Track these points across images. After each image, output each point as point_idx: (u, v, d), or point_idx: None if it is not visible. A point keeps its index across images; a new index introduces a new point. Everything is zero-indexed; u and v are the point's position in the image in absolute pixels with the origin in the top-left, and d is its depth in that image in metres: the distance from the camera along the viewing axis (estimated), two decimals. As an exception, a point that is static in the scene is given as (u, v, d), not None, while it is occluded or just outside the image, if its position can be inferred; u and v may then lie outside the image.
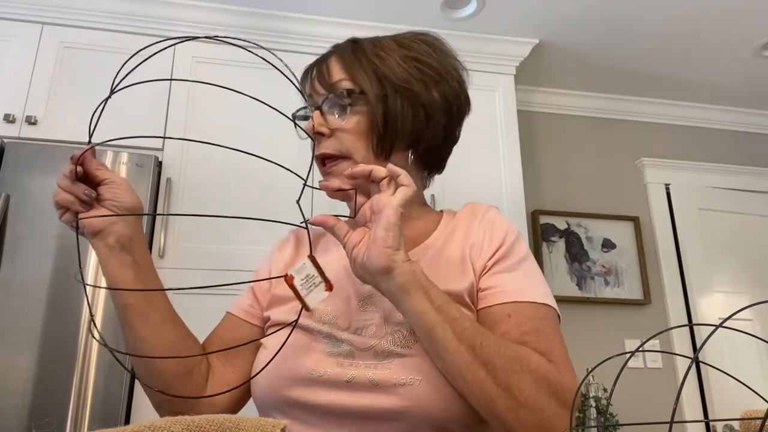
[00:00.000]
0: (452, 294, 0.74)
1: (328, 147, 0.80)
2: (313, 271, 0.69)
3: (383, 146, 0.81)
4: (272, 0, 2.45)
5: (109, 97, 0.65)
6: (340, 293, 0.79)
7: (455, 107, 0.85)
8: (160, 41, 0.68)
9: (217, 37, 0.61)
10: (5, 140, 2.08)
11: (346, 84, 0.81)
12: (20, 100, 2.22)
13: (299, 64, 0.83)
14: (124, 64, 0.67)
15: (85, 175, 0.71)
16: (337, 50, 0.85)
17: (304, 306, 0.68)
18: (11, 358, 1.83)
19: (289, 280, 0.67)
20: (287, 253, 0.91)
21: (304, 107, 0.84)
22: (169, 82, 2.35)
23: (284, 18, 2.51)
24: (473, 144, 2.48)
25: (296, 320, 0.70)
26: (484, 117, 2.59)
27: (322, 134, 0.80)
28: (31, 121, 2.18)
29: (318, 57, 0.87)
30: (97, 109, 0.63)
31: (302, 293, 0.68)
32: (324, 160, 0.81)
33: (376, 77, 0.81)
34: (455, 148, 0.91)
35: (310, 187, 0.71)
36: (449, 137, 0.87)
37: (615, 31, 2.66)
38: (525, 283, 0.77)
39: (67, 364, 1.85)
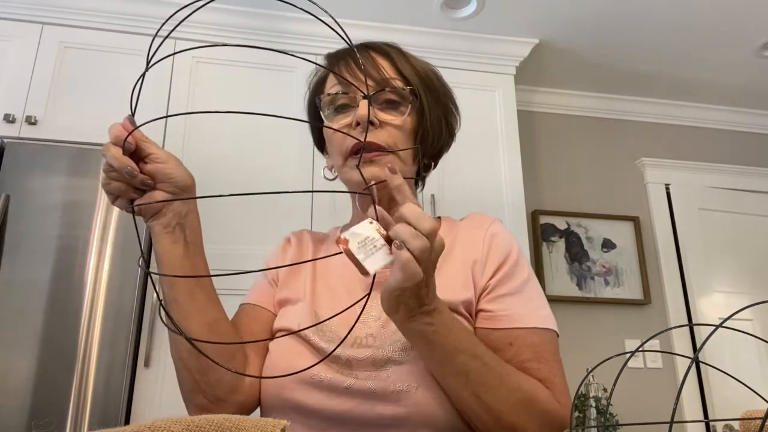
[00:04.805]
0: (448, 304, 0.74)
1: (380, 138, 0.80)
2: (374, 233, 0.61)
3: (423, 150, 0.86)
4: (273, 0, 2.45)
5: (147, 69, 0.59)
6: (340, 303, 0.78)
7: (459, 126, 0.93)
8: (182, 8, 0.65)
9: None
10: (5, 140, 2.07)
11: (399, 83, 0.83)
12: (20, 100, 2.22)
13: (299, 63, 0.83)
14: (158, 30, 0.66)
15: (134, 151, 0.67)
16: (374, 48, 0.86)
17: (362, 271, 0.60)
18: (11, 358, 1.83)
19: (342, 243, 0.60)
20: (290, 256, 0.91)
21: (345, 92, 0.83)
22: (169, 82, 2.35)
23: (284, 18, 2.51)
24: (473, 144, 2.48)
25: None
26: (484, 117, 2.59)
27: (372, 124, 0.80)
28: (31, 121, 2.17)
29: (345, 48, 0.85)
30: (136, 84, 0.58)
31: (359, 257, 0.60)
32: (363, 148, 0.79)
33: (424, 84, 0.85)
34: (455, 149, 0.95)
35: (362, 143, 0.70)
36: (445, 150, 0.93)
37: (615, 31, 2.66)
38: (528, 307, 0.78)
39: (67, 364, 1.85)
